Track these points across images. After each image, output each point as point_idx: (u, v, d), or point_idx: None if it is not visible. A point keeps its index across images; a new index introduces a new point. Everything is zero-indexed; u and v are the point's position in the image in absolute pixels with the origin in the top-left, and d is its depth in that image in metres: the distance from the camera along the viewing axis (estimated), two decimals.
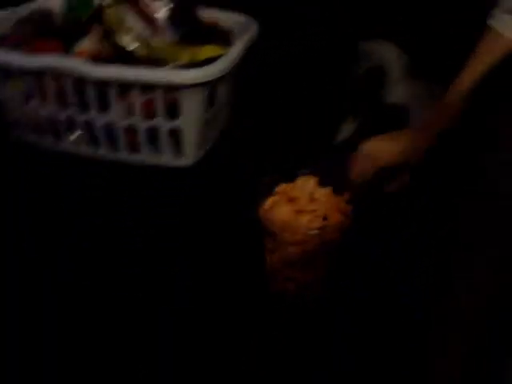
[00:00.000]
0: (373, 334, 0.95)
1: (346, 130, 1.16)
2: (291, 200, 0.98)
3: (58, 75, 1.11)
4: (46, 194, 1.12)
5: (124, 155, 1.17)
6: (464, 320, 0.86)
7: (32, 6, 1.32)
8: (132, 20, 1.18)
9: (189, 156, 1.16)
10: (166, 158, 1.16)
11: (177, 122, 1.11)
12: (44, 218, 1.10)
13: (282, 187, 1.00)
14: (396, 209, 1.02)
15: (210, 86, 1.10)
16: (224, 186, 1.13)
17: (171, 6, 1.23)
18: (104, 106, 1.12)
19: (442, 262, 0.89)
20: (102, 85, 1.09)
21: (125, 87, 1.09)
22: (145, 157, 1.16)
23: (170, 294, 1.00)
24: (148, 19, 1.20)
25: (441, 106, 1.02)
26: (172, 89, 1.08)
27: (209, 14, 1.32)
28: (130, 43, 1.16)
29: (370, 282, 0.98)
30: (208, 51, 1.18)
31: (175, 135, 1.13)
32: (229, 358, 0.94)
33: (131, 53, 1.15)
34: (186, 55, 1.17)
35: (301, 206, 0.97)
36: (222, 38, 1.26)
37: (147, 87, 1.08)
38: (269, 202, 0.99)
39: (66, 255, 1.04)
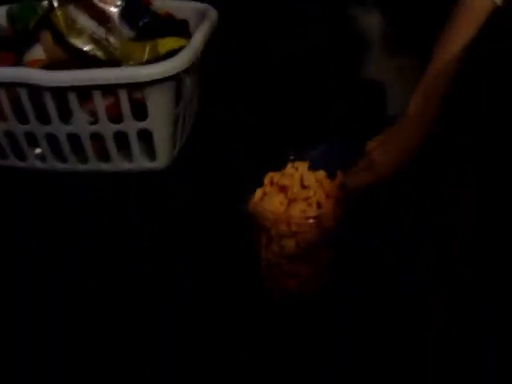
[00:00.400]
0: (374, 325, 0.92)
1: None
2: (282, 189, 0.92)
3: (11, 88, 1.03)
4: (51, 195, 1.10)
5: (93, 165, 1.10)
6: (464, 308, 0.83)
7: None
8: (83, 20, 1.10)
9: (162, 157, 1.09)
10: (139, 162, 1.09)
11: (145, 123, 1.04)
12: (50, 219, 1.08)
13: (270, 176, 0.94)
14: (395, 197, 0.98)
15: (176, 79, 1.04)
16: (207, 182, 1.08)
17: (123, 1, 1.16)
18: (66, 116, 1.04)
19: (442, 251, 0.85)
20: (60, 92, 1.01)
21: (85, 92, 1.01)
22: (116, 163, 1.09)
23: (174, 293, 0.99)
24: (100, 18, 1.13)
25: (424, 94, 0.95)
26: (136, 87, 1.01)
27: (162, 5, 1.25)
28: (84, 45, 1.08)
29: (370, 271, 0.95)
30: (168, 44, 1.11)
31: (146, 137, 1.07)
32: (232, 355, 0.92)
33: (87, 55, 1.08)
34: (145, 50, 1.10)
35: (293, 194, 0.91)
36: (180, 28, 1.20)
37: (109, 89, 1.01)
38: (258, 193, 0.93)
39: (73, 256, 1.03)
